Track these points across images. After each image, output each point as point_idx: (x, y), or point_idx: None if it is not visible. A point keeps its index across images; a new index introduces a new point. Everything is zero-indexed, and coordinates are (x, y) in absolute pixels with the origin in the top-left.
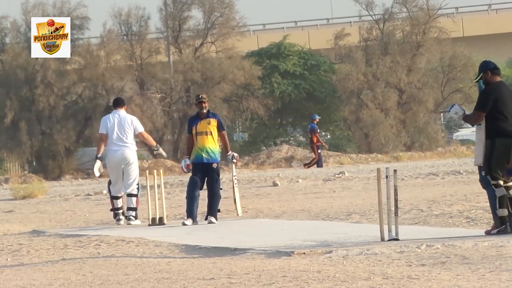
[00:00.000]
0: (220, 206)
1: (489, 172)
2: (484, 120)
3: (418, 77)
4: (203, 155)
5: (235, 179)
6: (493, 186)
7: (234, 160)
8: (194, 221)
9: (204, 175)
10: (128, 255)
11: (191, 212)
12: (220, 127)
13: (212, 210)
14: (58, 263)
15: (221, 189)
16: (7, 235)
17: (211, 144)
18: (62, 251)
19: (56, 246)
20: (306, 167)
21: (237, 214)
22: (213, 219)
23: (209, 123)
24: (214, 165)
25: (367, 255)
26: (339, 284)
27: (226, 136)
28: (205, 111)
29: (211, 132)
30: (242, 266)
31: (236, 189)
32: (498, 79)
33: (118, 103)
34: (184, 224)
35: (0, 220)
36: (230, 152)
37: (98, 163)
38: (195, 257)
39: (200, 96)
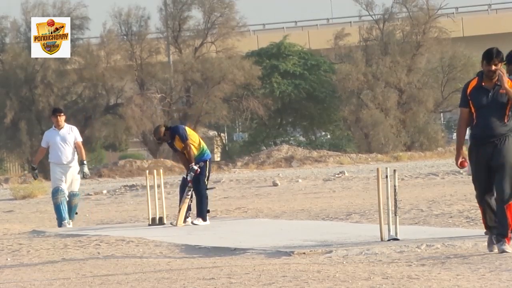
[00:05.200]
0: (209, 207)
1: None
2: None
3: (418, 77)
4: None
5: (191, 190)
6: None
7: (192, 173)
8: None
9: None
10: (128, 255)
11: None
12: (182, 139)
13: (199, 211)
14: (58, 263)
15: (210, 188)
16: (7, 235)
17: (190, 156)
18: (62, 251)
19: (56, 246)
20: None
21: (176, 224)
22: (196, 221)
23: (176, 142)
24: (196, 167)
25: (367, 255)
26: (339, 284)
27: (189, 148)
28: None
29: (181, 149)
30: (242, 266)
31: (186, 200)
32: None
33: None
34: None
35: (0, 220)
36: (191, 165)
37: None
38: (195, 257)
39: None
